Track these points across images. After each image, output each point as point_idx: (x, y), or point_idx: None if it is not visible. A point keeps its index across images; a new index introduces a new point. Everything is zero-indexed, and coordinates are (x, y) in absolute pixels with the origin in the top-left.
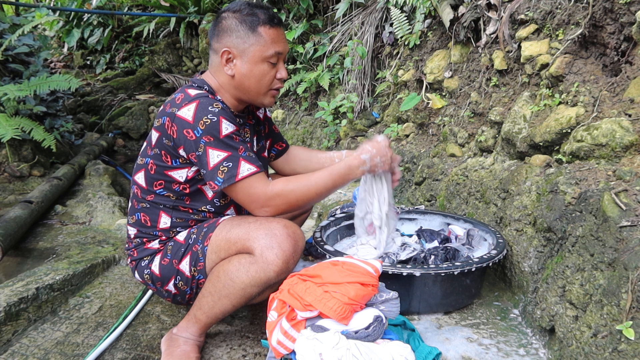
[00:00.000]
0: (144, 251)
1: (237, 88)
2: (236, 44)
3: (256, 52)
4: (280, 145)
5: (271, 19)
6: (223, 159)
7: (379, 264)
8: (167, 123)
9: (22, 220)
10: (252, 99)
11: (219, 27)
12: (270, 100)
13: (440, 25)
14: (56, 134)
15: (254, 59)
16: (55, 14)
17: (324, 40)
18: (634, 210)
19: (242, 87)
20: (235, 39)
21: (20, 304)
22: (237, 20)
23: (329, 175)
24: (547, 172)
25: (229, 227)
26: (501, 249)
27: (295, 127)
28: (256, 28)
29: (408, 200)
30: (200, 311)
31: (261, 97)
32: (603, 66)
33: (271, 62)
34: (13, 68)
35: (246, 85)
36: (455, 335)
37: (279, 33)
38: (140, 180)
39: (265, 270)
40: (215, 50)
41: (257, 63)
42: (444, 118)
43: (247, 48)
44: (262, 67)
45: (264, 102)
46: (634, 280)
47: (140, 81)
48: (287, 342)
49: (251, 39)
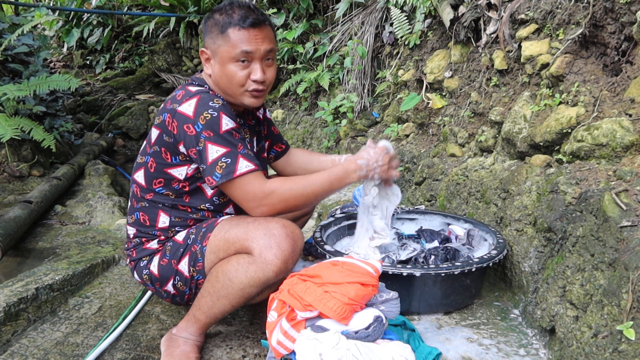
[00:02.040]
0: (142, 251)
1: (217, 87)
2: (209, 45)
3: (224, 53)
4: (279, 147)
5: (243, 19)
6: (222, 155)
7: (379, 264)
8: (168, 119)
9: (22, 220)
10: (231, 98)
11: (205, 27)
12: (251, 100)
13: (441, 25)
14: (56, 133)
15: (222, 59)
16: (55, 14)
17: (324, 40)
18: (635, 210)
19: (219, 87)
20: (209, 40)
21: (19, 304)
22: (214, 21)
23: (327, 177)
24: (548, 172)
25: (227, 227)
26: (501, 249)
27: (295, 127)
28: (226, 29)
29: (408, 200)
30: (200, 311)
31: (239, 97)
32: (603, 66)
33: (240, 62)
34: (12, 68)
35: (221, 85)
36: (455, 336)
37: (250, 33)
38: (139, 178)
39: (264, 270)
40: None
41: (225, 63)
42: (444, 118)
43: (217, 49)
44: (230, 67)
45: (244, 102)
46: (635, 280)
47: (140, 81)
48: (287, 342)
49: (219, 39)
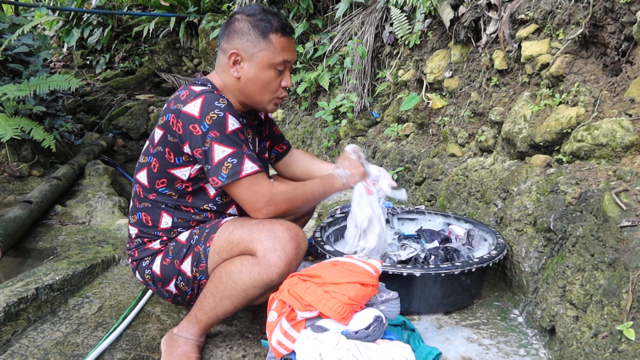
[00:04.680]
0: (145, 251)
1: (241, 91)
2: (245, 47)
3: (264, 58)
4: (281, 147)
5: (284, 27)
6: (228, 155)
7: (379, 264)
8: (172, 120)
9: (22, 220)
10: (254, 103)
11: (231, 28)
12: (273, 107)
13: (441, 25)
14: (56, 133)
15: (261, 64)
16: (55, 14)
17: (324, 40)
18: (635, 210)
19: (246, 91)
20: (245, 42)
21: (19, 304)
22: (250, 24)
23: (320, 183)
24: (548, 172)
25: (231, 229)
26: (501, 249)
27: (295, 127)
28: (268, 34)
29: (408, 200)
30: (201, 312)
31: (264, 104)
32: (603, 66)
33: (278, 70)
34: (12, 68)
35: (251, 89)
36: (455, 336)
37: (289, 42)
38: (142, 179)
39: (267, 272)
40: (224, 51)
41: (264, 69)
42: (444, 118)
43: (256, 53)
44: (268, 73)
45: (267, 108)
46: (635, 280)
47: (140, 81)
48: (287, 342)
49: (261, 44)
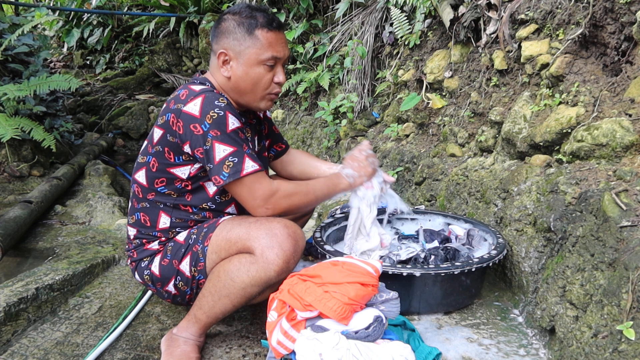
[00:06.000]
0: (143, 252)
1: (234, 90)
2: (232, 46)
3: (252, 55)
4: (279, 146)
5: (270, 22)
6: (229, 154)
7: (379, 264)
8: (172, 119)
9: (22, 220)
10: (248, 102)
11: (218, 29)
12: (267, 104)
13: (441, 25)
14: (56, 133)
15: (249, 61)
16: (55, 14)
17: (324, 40)
18: (635, 210)
19: (238, 90)
20: (232, 41)
21: (19, 304)
22: (235, 22)
23: (324, 183)
24: (548, 172)
25: (229, 227)
26: (501, 249)
27: (295, 127)
28: (253, 31)
29: (408, 200)
30: (201, 311)
31: (257, 101)
32: (603, 66)
33: (268, 65)
34: (13, 68)
35: (242, 87)
36: (455, 336)
37: (278, 37)
38: (140, 178)
39: (265, 270)
40: (214, 52)
41: (252, 66)
42: (444, 118)
43: (243, 50)
44: (257, 70)
45: (260, 105)
46: (635, 280)
47: (140, 81)
48: (287, 342)
49: (247, 41)
